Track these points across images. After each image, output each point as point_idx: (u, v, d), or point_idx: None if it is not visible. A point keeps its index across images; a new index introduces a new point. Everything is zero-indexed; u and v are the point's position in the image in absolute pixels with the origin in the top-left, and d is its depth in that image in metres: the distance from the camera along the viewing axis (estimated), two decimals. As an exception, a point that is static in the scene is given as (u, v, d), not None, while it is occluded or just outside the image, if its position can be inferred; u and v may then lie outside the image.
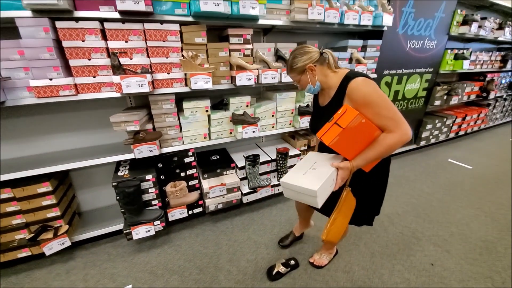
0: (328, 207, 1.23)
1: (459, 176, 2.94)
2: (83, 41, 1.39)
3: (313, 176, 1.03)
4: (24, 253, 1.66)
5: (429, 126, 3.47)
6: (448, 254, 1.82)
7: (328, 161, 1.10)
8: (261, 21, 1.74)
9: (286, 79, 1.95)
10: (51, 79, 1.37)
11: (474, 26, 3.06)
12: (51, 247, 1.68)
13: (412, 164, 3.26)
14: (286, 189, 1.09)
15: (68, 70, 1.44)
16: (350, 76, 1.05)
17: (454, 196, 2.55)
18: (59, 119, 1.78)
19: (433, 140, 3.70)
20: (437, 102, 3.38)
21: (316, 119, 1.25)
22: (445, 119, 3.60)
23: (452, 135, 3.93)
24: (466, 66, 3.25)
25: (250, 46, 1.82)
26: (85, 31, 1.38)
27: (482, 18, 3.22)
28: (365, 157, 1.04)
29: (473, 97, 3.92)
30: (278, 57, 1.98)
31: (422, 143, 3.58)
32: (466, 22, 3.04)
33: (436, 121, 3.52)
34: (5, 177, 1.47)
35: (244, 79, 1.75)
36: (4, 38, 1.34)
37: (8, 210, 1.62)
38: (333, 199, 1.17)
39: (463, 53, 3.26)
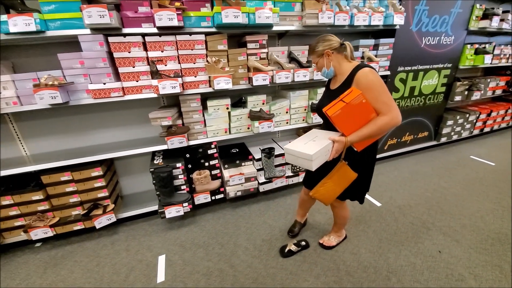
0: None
1: (479, 173, 2.90)
2: (129, 52, 1.72)
3: (311, 145, 1.23)
4: (78, 226, 2.03)
5: (450, 122, 3.42)
6: (457, 243, 1.88)
7: (326, 136, 1.29)
8: (275, 28, 1.96)
9: (299, 78, 2.14)
10: (104, 84, 1.71)
11: (495, 20, 2.98)
12: (100, 222, 2.03)
13: (431, 160, 3.25)
14: (288, 154, 1.30)
15: (117, 76, 1.78)
16: (361, 66, 1.25)
17: (472, 191, 2.55)
18: (106, 116, 2.14)
19: (455, 137, 3.62)
20: (458, 98, 3.32)
21: (324, 100, 1.42)
22: (467, 115, 3.52)
23: (476, 131, 3.81)
24: (488, 60, 3.16)
25: (265, 50, 2.04)
26: (131, 44, 1.70)
27: (504, 12, 3.12)
28: (359, 134, 1.23)
29: (498, 92, 3.77)
30: (291, 59, 2.18)
31: (443, 139, 3.54)
32: (486, 16, 2.98)
33: (458, 117, 3.45)
34: (66, 163, 1.84)
35: (260, 79, 1.98)
36: (64, 51, 1.69)
37: (67, 190, 2.00)
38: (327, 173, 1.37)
39: (484, 47, 3.19)
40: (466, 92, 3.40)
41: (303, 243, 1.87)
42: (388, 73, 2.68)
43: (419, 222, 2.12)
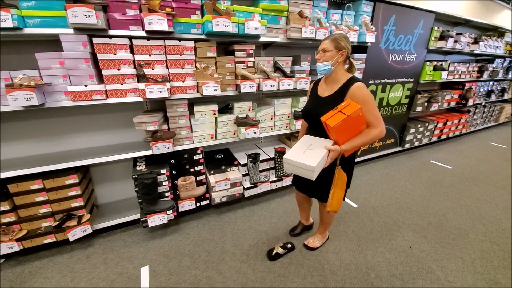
0: (323, 192, 1.53)
1: (439, 175, 3.25)
2: (114, 54, 1.66)
3: (310, 155, 1.29)
4: (49, 239, 1.86)
5: (412, 130, 3.80)
6: (425, 239, 2.09)
7: (321, 144, 1.36)
8: (262, 38, 2.05)
9: (283, 87, 2.24)
10: (86, 86, 1.63)
11: (450, 41, 3.43)
12: (75, 234, 1.89)
13: (397, 165, 3.57)
14: (288, 164, 1.33)
15: (100, 78, 1.71)
16: (354, 79, 1.36)
17: (434, 191, 2.84)
18: (83, 120, 2.02)
19: (416, 143, 4.02)
20: (419, 109, 3.72)
21: (314, 106, 1.48)
22: (427, 124, 3.94)
23: (434, 138, 4.26)
24: (444, 76, 3.60)
25: (252, 59, 2.12)
26: (116, 46, 1.65)
27: (458, 34, 3.61)
28: (352, 144, 1.33)
29: (453, 104, 4.29)
30: (276, 68, 2.28)
31: (407, 145, 3.91)
32: (443, 37, 3.41)
33: (419, 125, 3.85)
34: (37, 170, 1.69)
35: (247, 87, 2.04)
36: (42, 50, 1.59)
37: (37, 200, 1.84)
38: (328, 182, 1.46)
39: (441, 64, 3.63)
40: (426, 104, 3.82)
41: (289, 245, 1.93)
42: (361, 84, 2.91)
43: (391, 221, 2.31)
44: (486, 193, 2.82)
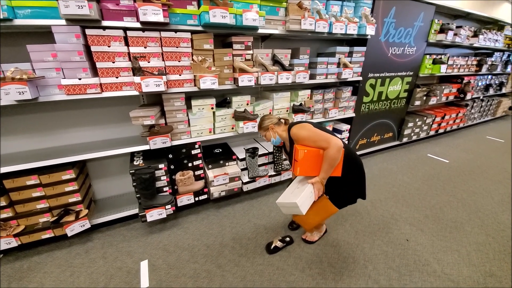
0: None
1: (436, 169, 3.27)
2: (108, 46, 1.62)
3: (296, 193, 1.45)
4: (47, 234, 1.86)
5: (410, 124, 3.80)
6: (422, 232, 2.11)
7: (305, 181, 1.51)
8: (260, 30, 2.01)
9: (282, 80, 2.21)
10: (80, 79, 1.59)
11: (450, 34, 3.40)
12: (73, 229, 1.88)
13: (395, 159, 3.58)
14: (282, 207, 1.51)
15: (94, 71, 1.67)
16: (290, 128, 1.57)
17: (431, 185, 2.86)
18: (79, 114, 1.99)
19: (414, 137, 4.03)
20: (417, 103, 3.71)
21: (290, 161, 1.70)
22: (425, 118, 3.94)
23: (432, 132, 4.27)
24: (444, 70, 3.58)
25: (250, 52, 2.08)
26: (111, 38, 1.61)
27: (457, 27, 3.58)
28: (324, 169, 1.43)
29: (451, 98, 4.28)
30: (275, 61, 2.24)
31: (405, 139, 3.91)
32: (442, 30, 3.38)
33: (417, 119, 3.85)
34: (33, 165, 1.67)
35: (245, 80, 2.01)
36: (34, 42, 1.55)
37: (34, 195, 1.82)
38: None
39: (441, 58, 3.61)
40: (424, 98, 3.81)
41: (288, 239, 1.94)
42: (360, 78, 2.88)
43: (388, 214, 2.32)
44: (482, 186, 2.84)
